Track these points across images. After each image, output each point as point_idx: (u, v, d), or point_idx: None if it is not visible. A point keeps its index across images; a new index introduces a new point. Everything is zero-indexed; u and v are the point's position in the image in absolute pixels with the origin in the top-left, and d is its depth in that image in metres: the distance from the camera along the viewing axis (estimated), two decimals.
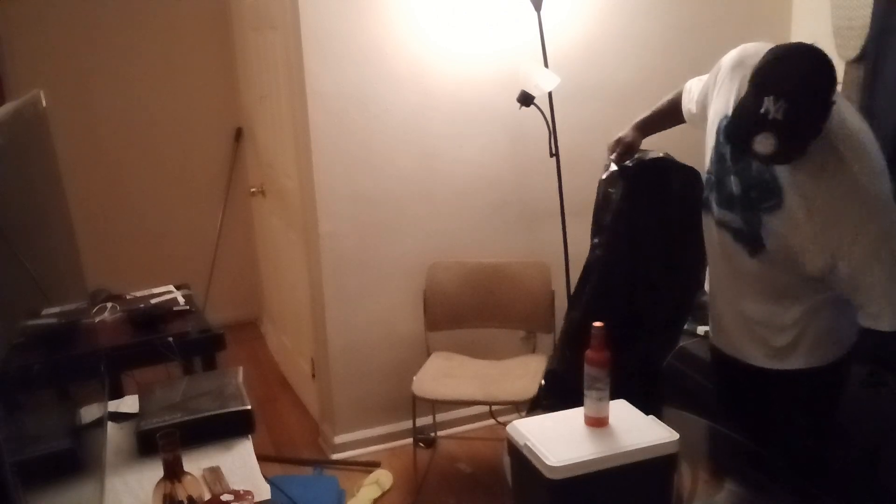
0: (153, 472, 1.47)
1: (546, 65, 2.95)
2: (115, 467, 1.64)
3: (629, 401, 1.78)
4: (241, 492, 1.42)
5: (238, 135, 4.35)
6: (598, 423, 1.68)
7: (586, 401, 1.69)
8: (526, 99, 2.86)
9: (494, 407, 3.18)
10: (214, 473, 1.57)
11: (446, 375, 2.91)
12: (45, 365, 1.27)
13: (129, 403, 1.91)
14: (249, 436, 1.75)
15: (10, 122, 1.33)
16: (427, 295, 3.11)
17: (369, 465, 3.09)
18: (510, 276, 3.12)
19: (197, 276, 3.89)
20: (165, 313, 2.52)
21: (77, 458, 1.33)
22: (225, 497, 1.39)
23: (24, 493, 0.88)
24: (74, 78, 3.95)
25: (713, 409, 2.16)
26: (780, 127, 1.58)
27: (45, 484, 1.08)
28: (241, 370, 1.95)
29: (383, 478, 2.96)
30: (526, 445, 1.63)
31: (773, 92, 1.59)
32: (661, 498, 1.67)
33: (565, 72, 2.99)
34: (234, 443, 1.72)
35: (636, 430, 1.66)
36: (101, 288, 2.69)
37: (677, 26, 3.30)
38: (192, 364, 2.45)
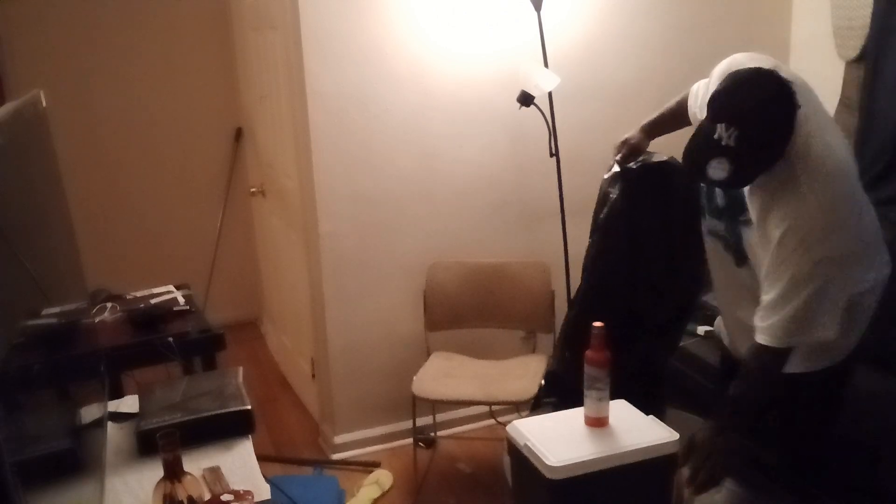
0: (153, 472, 1.47)
1: (546, 65, 2.94)
2: (115, 467, 1.64)
3: (630, 401, 1.78)
4: (241, 492, 1.42)
5: (238, 135, 4.35)
6: (598, 423, 1.68)
7: (586, 401, 1.69)
8: (526, 99, 2.86)
9: (494, 407, 3.18)
10: (214, 473, 1.57)
11: (446, 375, 2.91)
12: (45, 365, 1.27)
13: (129, 403, 1.91)
14: (249, 436, 1.75)
15: (10, 122, 1.33)
16: (427, 295, 3.11)
17: (369, 465, 3.09)
18: (510, 276, 3.11)
19: (197, 276, 3.89)
20: (165, 313, 2.52)
21: (77, 458, 1.33)
22: (225, 497, 1.39)
23: (24, 493, 0.88)
24: (74, 78, 3.95)
25: (713, 409, 2.16)
26: (732, 154, 1.59)
27: (45, 484, 1.08)
28: (241, 370, 1.95)
29: (383, 478, 2.96)
30: (526, 445, 1.63)
31: (725, 119, 1.60)
32: (661, 498, 1.68)
33: (565, 72, 2.98)
34: (234, 443, 1.72)
35: (636, 430, 1.67)
36: (101, 288, 2.69)
37: (677, 26, 3.30)
38: (192, 364, 2.45)
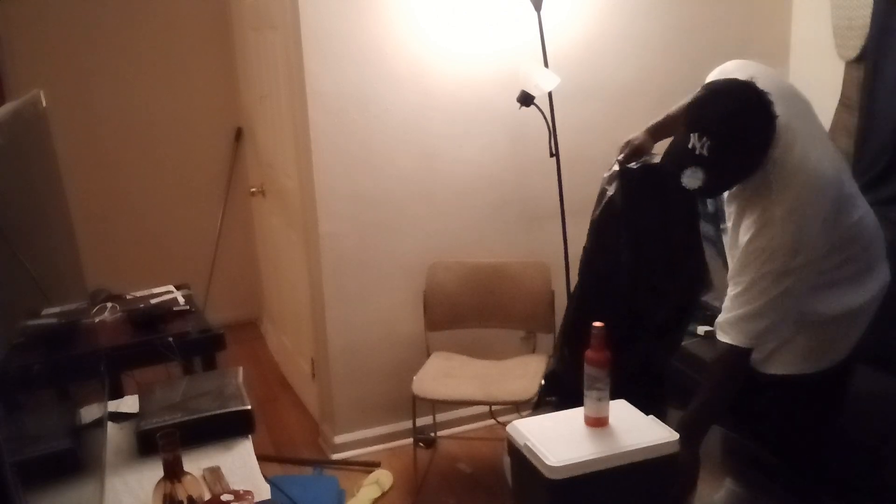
0: (153, 472, 1.47)
1: (546, 65, 2.95)
2: (115, 467, 1.64)
3: (630, 401, 1.78)
4: (241, 492, 1.42)
5: (238, 135, 4.35)
6: (598, 423, 1.68)
7: (586, 401, 1.69)
8: (526, 99, 2.86)
9: (494, 407, 3.18)
10: (214, 473, 1.57)
11: (446, 375, 2.91)
12: (45, 365, 1.27)
13: (129, 403, 1.91)
14: (249, 436, 1.75)
15: (10, 122, 1.33)
16: (427, 295, 3.11)
17: (369, 465, 3.09)
18: (510, 276, 3.12)
19: (197, 276, 3.89)
20: (165, 313, 2.52)
21: (77, 458, 1.33)
22: (225, 497, 1.39)
23: (24, 493, 0.88)
24: (74, 78, 3.95)
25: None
26: (705, 163, 1.62)
27: (45, 484, 1.08)
28: (241, 370, 1.95)
29: (383, 478, 2.96)
30: (526, 445, 1.63)
31: (699, 129, 1.63)
32: (661, 498, 1.67)
33: (565, 72, 2.98)
34: (234, 443, 1.72)
35: (636, 430, 1.66)
36: (101, 288, 2.69)
37: (677, 26, 3.30)
38: (192, 364, 2.45)
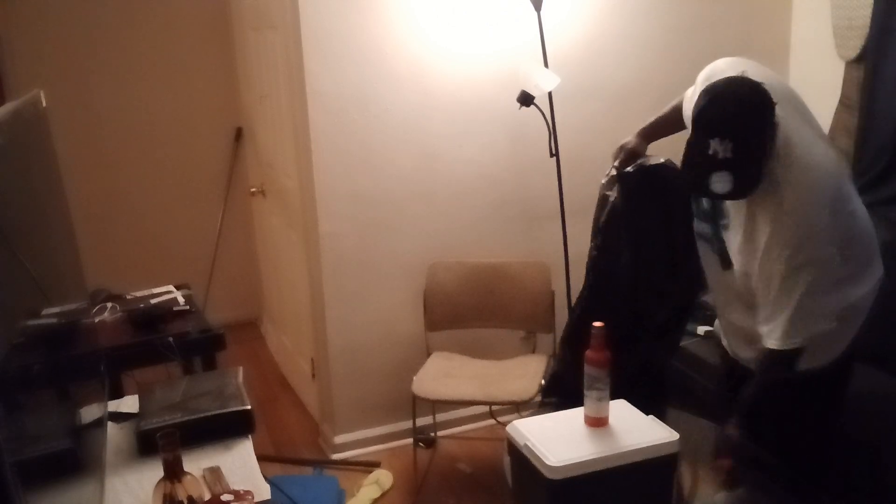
0: (153, 472, 1.47)
1: (546, 65, 2.94)
2: (115, 467, 1.64)
3: (630, 401, 1.78)
4: (241, 492, 1.42)
5: (238, 135, 4.35)
6: (598, 423, 1.68)
7: (586, 401, 1.69)
8: (526, 99, 2.86)
9: (494, 407, 3.18)
10: (214, 473, 1.57)
11: (446, 375, 2.91)
12: (45, 365, 1.27)
13: (129, 403, 1.91)
14: (249, 436, 1.75)
15: (10, 122, 1.33)
16: (427, 295, 3.11)
17: (369, 465, 3.09)
18: (510, 276, 3.11)
19: (197, 276, 3.89)
20: (165, 313, 2.52)
21: (77, 458, 1.33)
22: (225, 497, 1.39)
23: (24, 493, 0.88)
24: (74, 78, 3.95)
25: (713, 409, 2.16)
26: (731, 164, 1.63)
27: (45, 484, 1.08)
28: (241, 370, 1.95)
29: (383, 478, 2.96)
30: (526, 445, 1.63)
31: (718, 133, 1.63)
32: (661, 498, 1.67)
33: (565, 72, 2.98)
34: (234, 443, 1.72)
35: (636, 430, 1.66)
36: (101, 288, 2.69)
37: (677, 26, 3.30)
38: (192, 364, 2.45)
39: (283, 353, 4.03)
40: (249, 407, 1.76)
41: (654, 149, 2.24)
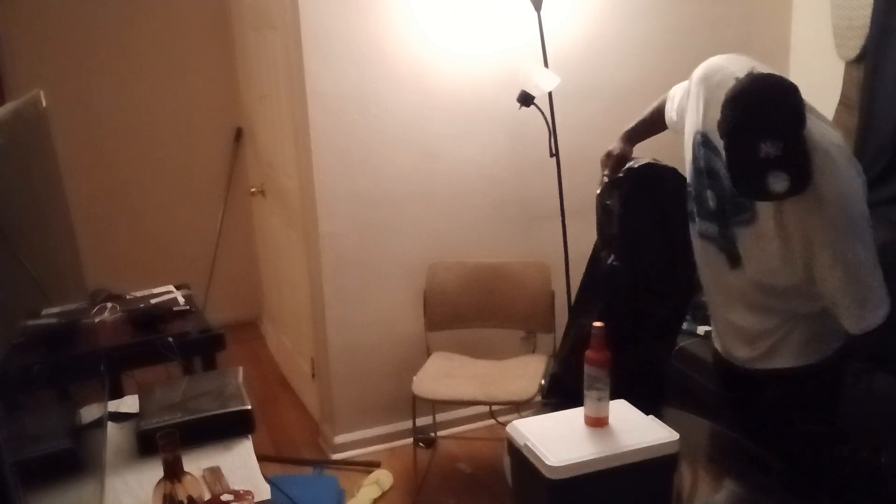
0: (153, 472, 1.47)
1: (546, 65, 2.95)
2: (115, 467, 1.64)
3: (630, 401, 1.78)
4: (241, 492, 1.42)
5: (238, 135, 4.35)
6: (598, 423, 1.68)
7: (586, 401, 1.69)
8: (526, 99, 2.86)
9: (494, 407, 3.18)
10: (214, 473, 1.57)
11: (446, 375, 2.91)
12: (45, 365, 1.27)
13: (129, 403, 1.91)
14: (249, 436, 1.75)
15: (10, 122, 1.33)
16: (427, 295, 3.11)
17: (369, 465, 3.09)
18: (510, 276, 3.11)
19: (197, 276, 3.89)
20: (165, 313, 2.52)
21: (77, 458, 1.33)
22: (225, 497, 1.39)
23: (24, 493, 0.88)
24: (74, 78, 3.95)
25: (713, 409, 2.16)
26: (784, 161, 1.62)
27: (45, 484, 1.08)
28: (241, 370, 1.95)
29: (383, 478, 2.96)
30: (526, 445, 1.63)
31: (766, 135, 1.62)
32: (661, 498, 1.67)
33: (565, 72, 2.99)
34: (234, 443, 1.72)
35: (636, 430, 1.66)
36: (101, 288, 2.69)
37: (677, 26, 3.30)
38: (192, 364, 2.45)
39: (283, 353, 4.03)
40: (249, 407, 1.76)
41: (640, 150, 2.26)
